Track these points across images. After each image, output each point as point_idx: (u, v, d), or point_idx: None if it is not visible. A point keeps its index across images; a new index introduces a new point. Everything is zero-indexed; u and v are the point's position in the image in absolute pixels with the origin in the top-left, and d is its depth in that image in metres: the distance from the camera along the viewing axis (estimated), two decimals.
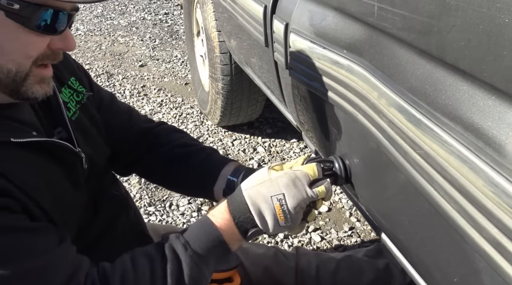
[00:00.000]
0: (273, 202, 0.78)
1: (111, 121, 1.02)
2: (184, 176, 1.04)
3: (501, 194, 0.51)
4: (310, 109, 1.16)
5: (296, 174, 0.80)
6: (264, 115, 2.58)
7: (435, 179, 0.62)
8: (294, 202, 0.78)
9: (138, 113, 1.12)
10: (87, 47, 3.83)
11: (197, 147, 1.06)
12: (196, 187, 1.05)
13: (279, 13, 1.24)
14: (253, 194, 0.79)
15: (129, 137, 1.04)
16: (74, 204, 0.82)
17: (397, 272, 1.26)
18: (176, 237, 0.79)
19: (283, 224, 0.79)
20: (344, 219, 1.89)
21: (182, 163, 1.04)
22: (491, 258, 0.55)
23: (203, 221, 0.81)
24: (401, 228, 0.84)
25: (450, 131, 0.60)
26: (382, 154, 0.80)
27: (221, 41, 2.05)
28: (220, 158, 1.05)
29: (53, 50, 0.71)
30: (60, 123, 0.84)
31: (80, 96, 0.91)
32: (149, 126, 1.08)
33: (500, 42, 0.52)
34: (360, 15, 0.84)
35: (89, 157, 0.87)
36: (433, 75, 0.65)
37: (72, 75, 0.92)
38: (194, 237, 0.78)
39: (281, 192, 0.78)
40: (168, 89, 3.08)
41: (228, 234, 0.79)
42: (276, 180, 0.80)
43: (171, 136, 1.07)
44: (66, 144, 0.79)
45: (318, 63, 0.98)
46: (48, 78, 0.74)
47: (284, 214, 0.78)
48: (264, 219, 0.79)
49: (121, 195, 0.99)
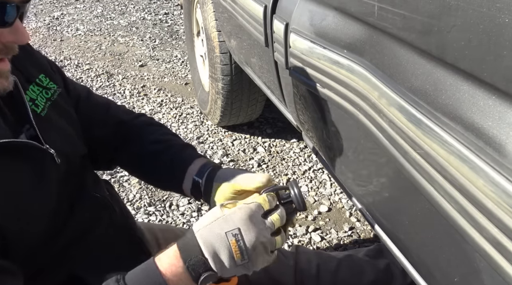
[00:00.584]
0: (228, 238, 0.72)
1: (90, 115, 0.99)
2: (156, 174, 1.01)
3: (501, 193, 0.51)
4: (310, 109, 1.16)
5: (250, 207, 0.76)
6: (264, 115, 2.58)
7: (436, 179, 0.63)
8: (251, 235, 0.73)
9: (117, 105, 1.09)
10: (87, 47, 3.83)
11: (168, 143, 1.02)
12: (169, 185, 1.03)
13: (279, 13, 1.24)
14: (206, 234, 0.73)
15: (107, 130, 1.02)
16: (39, 208, 0.78)
17: (397, 273, 1.26)
18: (116, 281, 0.72)
19: (240, 262, 0.73)
20: (344, 219, 1.89)
21: (152, 161, 1.00)
22: (492, 258, 0.55)
23: (148, 264, 0.74)
24: (401, 228, 0.84)
25: (450, 131, 0.60)
26: (382, 153, 0.80)
27: (221, 41, 2.05)
28: (187, 155, 1.00)
29: (4, 43, 0.69)
30: (27, 120, 0.80)
31: (50, 93, 0.88)
32: (126, 118, 1.05)
33: (500, 42, 0.52)
34: (360, 15, 0.84)
35: (63, 154, 0.84)
36: (433, 75, 0.65)
37: (41, 73, 0.89)
38: (134, 282, 0.72)
39: (236, 227, 0.73)
40: (168, 89, 3.08)
41: (173, 282, 0.72)
42: (229, 216, 0.74)
43: (145, 130, 1.04)
44: (27, 142, 0.76)
45: (318, 63, 0.98)
46: (5, 72, 0.71)
47: (240, 250, 0.72)
48: (219, 259, 0.72)
49: (101, 197, 0.95)
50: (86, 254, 0.83)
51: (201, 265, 0.72)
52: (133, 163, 1.04)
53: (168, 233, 1.17)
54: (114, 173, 2.18)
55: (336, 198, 2.00)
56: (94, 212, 0.91)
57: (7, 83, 0.72)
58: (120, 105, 1.11)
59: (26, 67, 0.85)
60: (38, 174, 0.78)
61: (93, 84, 3.17)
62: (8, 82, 0.73)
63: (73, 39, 4.02)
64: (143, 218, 1.90)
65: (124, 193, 2.05)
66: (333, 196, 2.00)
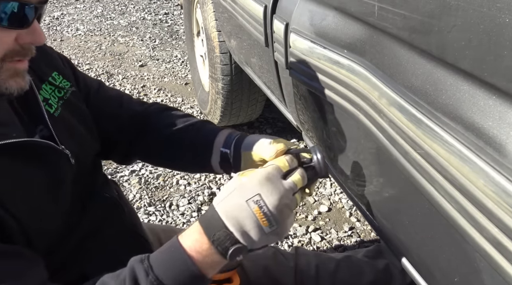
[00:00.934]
0: (250, 206, 0.68)
1: (102, 109, 0.98)
2: (180, 156, 0.97)
3: (501, 193, 0.51)
4: (310, 109, 1.16)
5: (267, 170, 0.72)
6: (264, 115, 2.58)
7: (436, 178, 0.63)
8: (274, 199, 0.69)
9: (130, 97, 1.07)
10: (87, 47, 3.83)
11: (187, 122, 0.98)
12: (194, 165, 0.99)
13: (279, 13, 1.24)
14: (226, 205, 0.69)
15: (121, 123, 1.00)
16: (55, 208, 0.78)
17: (397, 273, 1.26)
18: (140, 261, 0.70)
19: (268, 229, 0.69)
20: (344, 219, 1.89)
21: (175, 143, 0.97)
22: (492, 258, 0.55)
23: (172, 242, 0.72)
24: (401, 228, 0.84)
25: (450, 131, 0.60)
26: (382, 153, 0.80)
27: (221, 41, 2.05)
28: (210, 129, 0.96)
29: (22, 45, 0.69)
30: (41, 121, 0.80)
31: (62, 92, 0.87)
32: (140, 109, 1.03)
33: (501, 42, 0.52)
34: (360, 15, 0.84)
35: (76, 154, 0.83)
36: (433, 75, 0.65)
37: (54, 70, 0.88)
38: (159, 261, 0.70)
39: (255, 193, 0.69)
40: (168, 89, 3.08)
41: (199, 259, 0.69)
42: (247, 183, 0.70)
43: (160, 116, 1.01)
44: (46, 142, 0.76)
45: (319, 63, 0.98)
46: (22, 72, 0.71)
47: (266, 216, 0.68)
48: (245, 230, 0.68)
49: (112, 198, 0.95)
50: (97, 253, 0.83)
51: (226, 239, 0.69)
52: (153, 152, 1.01)
53: (170, 233, 1.17)
54: (114, 173, 2.18)
55: (336, 198, 2.00)
56: (105, 212, 0.91)
57: (24, 82, 0.72)
58: (133, 97, 1.08)
59: (40, 65, 0.85)
60: (54, 174, 0.78)
61: None
62: (25, 82, 0.72)
63: (73, 39, 4.02)
64: (143, 218, 1.90)
65: (124, 193, 2.05)
66: (333, 196, 2.00)
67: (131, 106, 1.03)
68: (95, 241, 0.87)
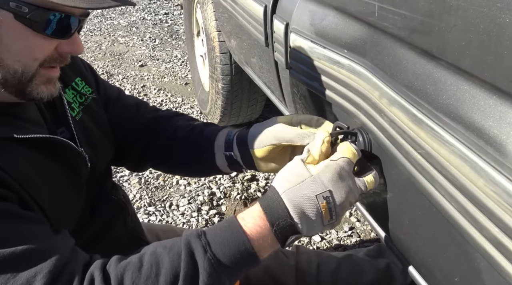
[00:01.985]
0: (318, 201, 0.69)
1: (120, 116, 1.02)
2: (187, 159, 0.99)
3: (502, 193, 0.51)
4: (310, 109, 1.16)
5: (340, 165, 0.72)
6: (264, 115, 2.58)
7: (436, 178, 0.63)
8: (343, 196, 0.70)
9: (147, 105, 1.10)
10: (87, 47, 3.83)
11: (190, 127, 1.00)
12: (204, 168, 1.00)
13: (279, 13, 1.24)
14: (294, 197, 0.70)
15: (137, 129, 1.03)
16: (72, 205, 0.82)
17: (397, 272, 1.26)
18: (197, 236, 0.70)
19: (327, 222, 0.71)
20: (344, 219, 1.89)
21: (181, 147, 0.99)
22: (492, 258, 0.55)
23: (231, 222, 0.72)
24: (402, 228, 0.84)
25: (451, 131, 0.60)
26: (382, 153, 0.80)
27: (221, 41, 2.05)
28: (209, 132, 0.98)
29: (60, 53, 0.72)
30: (64, 123, 0.84)
31: (84, 97, 0.91)
32: (155, 115, 1.06)
33: (501, 41, 0.52)
34: (360, 14, 0.84)
35: (92, 158, 0.87)
36: (434, 74, 0.65)
37: (78, 76, 0.92)
38: (217, 239, 0.70)
39: (326, 189, 0.70)
40: (168, 89, 3.08)
41: (259, 243, 0.70)
42: (318, 177, 0.71)
43: (169, 122, 1.03)
44: (68, 142, 0.80)
45: (319, 63, 0.98)
46: (54, 79, 0.75)
47: (330, 211, 0.70)
48: (309, 222, 0.70)
49: (119, 200, 0.98)
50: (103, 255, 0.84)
51: (289, 228, 0.70)
52: (164, 156, 1.03)
53: (169, 233, 1.18)
54: (114, 173, 2.18)
55: None
56: (112, 214, 0.94)
57: (55, 89, 0.75)
58: (149, 104, 1.11)
59: (65, 70, 0.87)
60: (73, 174, 0.81)
61: None
62: (56, 89, 0.75)
63: None
64: (143, 218, 1.90)
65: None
66: None
67: (147, 113, 1.06)
68: (101, 243, 0.89)
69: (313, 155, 0.75)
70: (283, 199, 0.70)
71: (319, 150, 0.76)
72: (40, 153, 0.75)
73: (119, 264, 0.69)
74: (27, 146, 0.72)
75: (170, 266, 0.67)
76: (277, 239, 0.71)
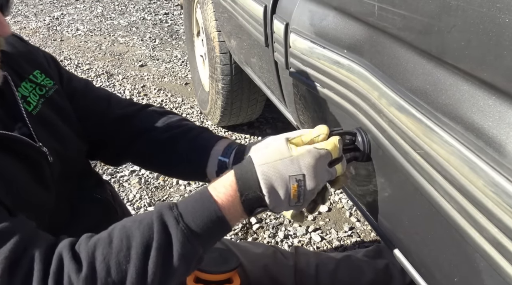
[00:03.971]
0: (290, 182, 0.71)
1: (88, 108, 0.97)
2: (174, 161, 0.97)
3: (501, 194, 0.51)
4: (310, 109, 1.16)
5: (320, 153, 0.72)
6: (264, 115, 2.58)
7: (436, 179, 0.63)
8: (314, 183, 0.72)
9: (119, 98, 1.05)
10: (87, 47, 3.83)
11: (184, 128, 0.98)
12: (188, 171, 0.99)
13: (279, 13, 1.24)
14: (269, 172, 0.70)
15: (109, 124, 0.99)
16: (38, 202, 0.78)
17: (396, 273, 1.26)
18: (169, 208, 0.70)
19: (294, 203, 0.73)
20: (344, 219, 1.89)
21: (170, 148, 0.96)
22: (492, 258, 0.55)
23: (202, 193, 0.72)
24: (401, 228, 0.84)
25: (450, 131, 0.60)
26: (381, 153, 0.80)
27: (221, 41, 2.05)
28: (208, 136, 0.96)
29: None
30: (19, 118, 0.79)
31: (44, 89, 0.87)
32: (132, 110, 1.01)
33: (501, 42, 0.52)
34: (360, 15, 0.84)
35: (57, 152, 0.83)
36: (433, 75, 0.65)
37: (37, 68, 0.88)
38: (189, 210, 0.70)
39: (301, 172, 0.71)
40: (168, 89, 3.08)
41: (230, 212, 0.71)
42: (297, 159, 0.71)
43: (155, 120, 0.99)
44: (20, 137, 0.76)
45: (318, 63, 0.98)
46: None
47: (298, 194, 0.72)
48: (276, 198, 0.71)
49: (104, 199, 0.94)
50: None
51: (257, 201, 0.71)
52: (146, 156, 1.00)
53: None
54: (114, 173, 2.18)
55: (336, 198, 2.00)
56: (96, 214, 0.90)
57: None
58: (124, 98, 1.07)
59: (20, 63, 0.84)
60: (32, 171, 0.77)
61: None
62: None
63: (73, 39, 4.02)
64: None
65: (124, 193, 2.05)
66: (333, 196, 2.00)
67: (120, 106, 1.01)
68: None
69: (302, 139, 0.76)
70: (257, 171, 0.71)
71: (310, 137, 0.76)
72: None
73: (89, 242, 0.68)
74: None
75: (141, 239, 0.67)
76: (243, 210, 0.72)
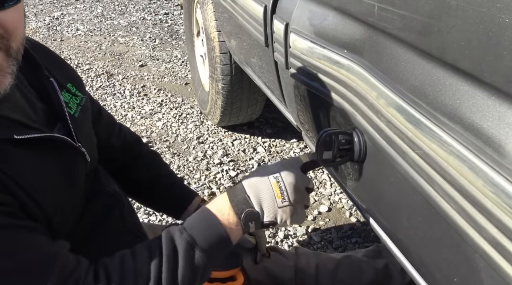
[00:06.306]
0: (269, 180, 0.81)
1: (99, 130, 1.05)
2: (154, 204, 1.18)
3: (500, 194, 0.51)
4: (310, 109, 1.16)
5: (289, 159, 0.87)
6: (264, 115, 2.58)
7: (435, 179, 0.62)
8: (291, 179, 0.82)
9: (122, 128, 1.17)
10: (87, 47, 3.83)
11: (170, 181, 1.14)
12: (166, 213, 1.18)
13: (279, 13, 1.24)
14: (249, 178, 0.83)
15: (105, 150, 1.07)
16: (70, 201, 0.82)
17: (396, 272, 1.26)
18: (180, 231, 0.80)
19: (281, 203, 0.81)
20: (344, 219, 1.88)
21: (154, 194, 1.13)
22: (491, 258, 0.55)
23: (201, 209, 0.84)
24: (400, 228, 0.84)
25: (449, 131, 0.60)
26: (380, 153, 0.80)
27: (221, 41, 2.05)
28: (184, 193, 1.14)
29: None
30: (60, 120, 0.84)
31: (79, 99, 0.93)
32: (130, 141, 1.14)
33: (500, 42, 0.52)
34: (360, 15, 0.84)
35: (90, 153, 0.89)
36: (433, 75, 0.65)
37: (69, 82, 0.93)
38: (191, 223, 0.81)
39: (276, 172, 0.82)
40: (168, 89, 3.08)
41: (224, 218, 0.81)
42: (269, 165, 0.85)
43: (152, 163, 1.15)
44: (64, 137, 0.80)
45: (318, 63, 0.98)
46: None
47: (281, 191, 0.81)
48: (261, 198, 0.81)
49: (113, 192, 0.99)
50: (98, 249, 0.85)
51: (244, 202, 0.81)
52: (131, 188, 1.14)
53: None
54: None
55: (336, 198, 2.00)
56: (107, 206, 0.96)
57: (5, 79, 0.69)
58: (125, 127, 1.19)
59: (57, 75, 0.89)
60: (70, 170, 0.82)
61: (93, 84, 3.17)
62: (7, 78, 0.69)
63: (73, 39, 4.02)
64: (143, 218, 1.90)
65: None
66: (333, 196, 2.00)
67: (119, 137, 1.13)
68: (97, 236, 0.90)
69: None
70: (242, 182, 0.84)
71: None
72: (38, 152, 0.75)
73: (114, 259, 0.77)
74: (26, 146, 0.72)
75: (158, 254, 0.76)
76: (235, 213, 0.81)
